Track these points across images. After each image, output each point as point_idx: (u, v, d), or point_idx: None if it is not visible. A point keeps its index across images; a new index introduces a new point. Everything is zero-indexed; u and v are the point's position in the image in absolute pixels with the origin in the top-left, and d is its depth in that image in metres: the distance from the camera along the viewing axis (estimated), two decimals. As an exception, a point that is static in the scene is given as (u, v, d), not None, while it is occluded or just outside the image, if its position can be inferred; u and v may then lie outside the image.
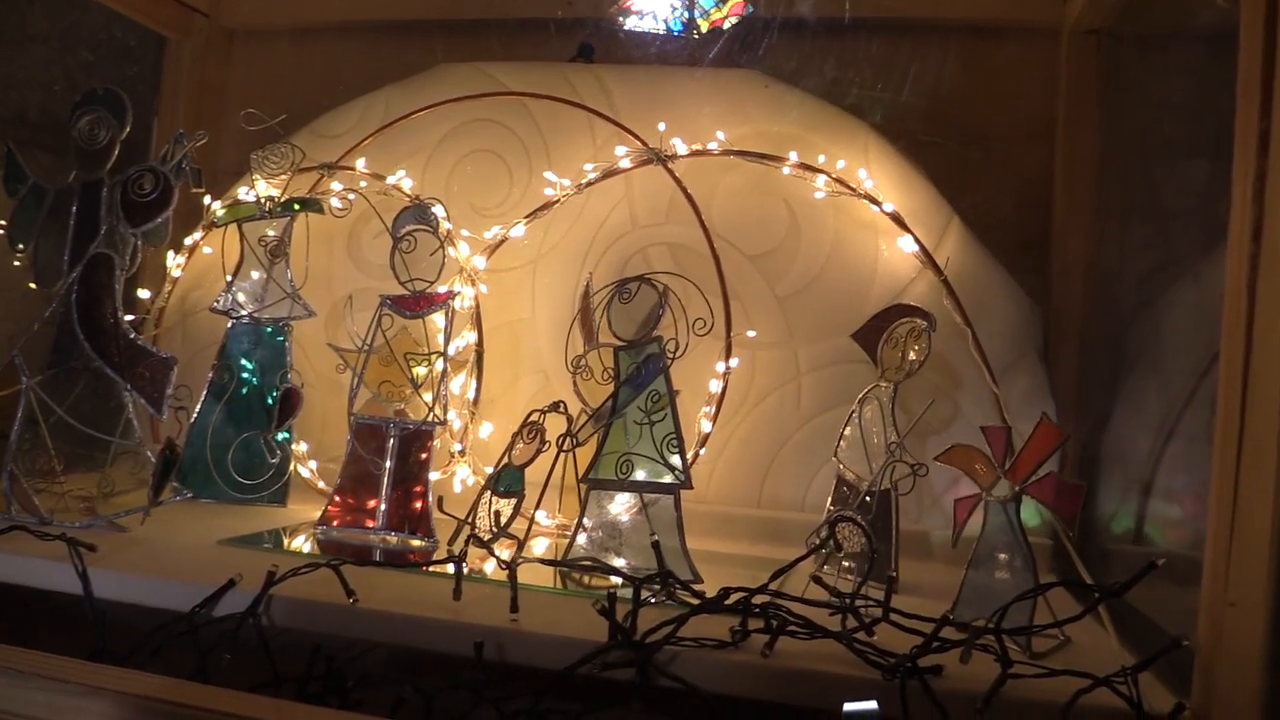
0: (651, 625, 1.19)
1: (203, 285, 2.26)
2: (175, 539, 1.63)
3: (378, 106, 2.23)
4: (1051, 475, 1.31)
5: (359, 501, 1.77)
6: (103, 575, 1.39)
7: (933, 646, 1.16)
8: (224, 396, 2.00)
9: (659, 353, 1.58)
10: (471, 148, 2.17)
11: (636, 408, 1.57)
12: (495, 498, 1.65)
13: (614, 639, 1.16)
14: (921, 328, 1.73)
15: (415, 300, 1.81)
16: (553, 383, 2.11)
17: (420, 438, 1.76)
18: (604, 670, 1.11)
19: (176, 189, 1.74)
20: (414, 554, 1.66)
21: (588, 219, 2.11)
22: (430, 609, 1.27)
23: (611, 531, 1.60)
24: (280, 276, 2.03)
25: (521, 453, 1.66)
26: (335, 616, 1.27)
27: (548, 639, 1.20)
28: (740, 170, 2.03)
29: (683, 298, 1.67)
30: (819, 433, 2.01)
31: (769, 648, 1.18)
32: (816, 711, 1.15)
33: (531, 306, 2.14)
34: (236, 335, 2.03)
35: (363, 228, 2.22)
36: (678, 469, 1.52)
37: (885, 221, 1.97)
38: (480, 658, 1.16)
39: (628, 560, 1.54)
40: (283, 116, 2.03)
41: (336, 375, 2.16)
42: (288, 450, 1.99)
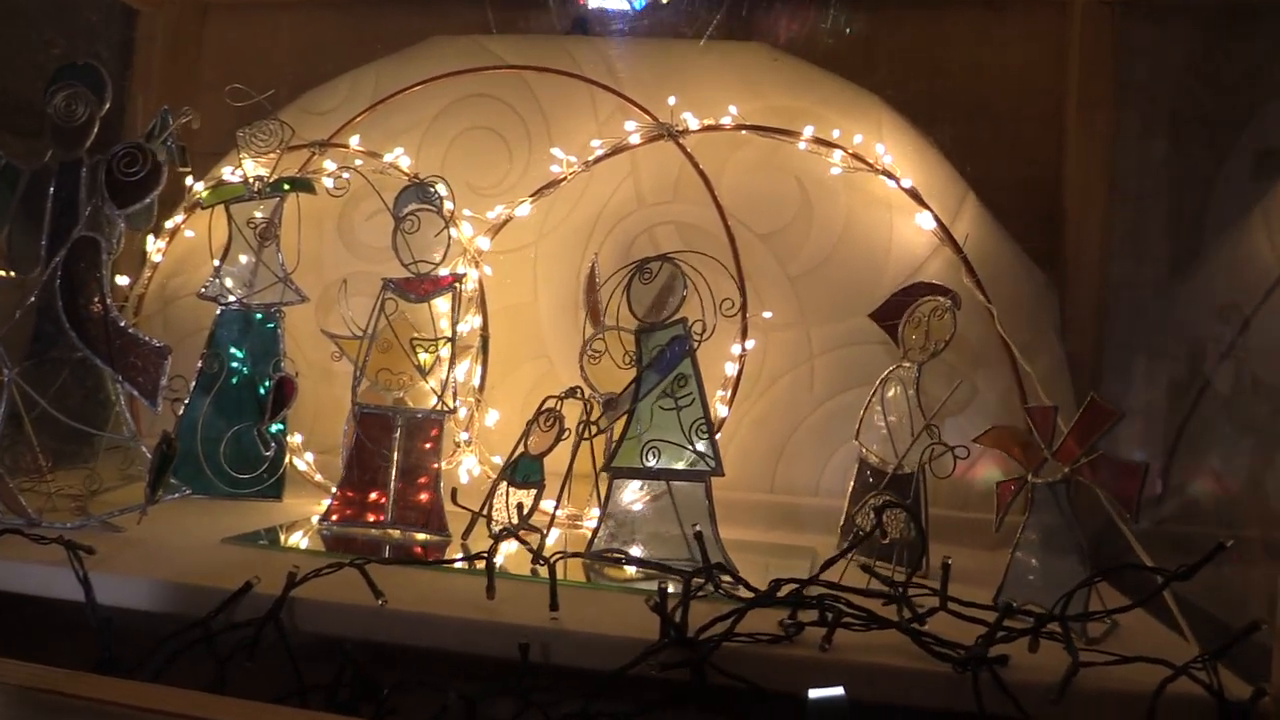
0: (701, 621, 1.13)
1: (184, 270, 2.16)
2: (174, 538, 1.54)
3: (367, 81, 2.13)
4: (1104, 455, 1.28)
5: (364, 495, 1.69)
6: (104, 580, 1.30)
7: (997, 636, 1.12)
8: (213, 387, 1.90)
9: (684, 335, 1.52)
10: (468, 124, 2.08)
11: (662, 392, 1.51)
12: (512, 489, 1.58)
13: (666, 637, 1.10)
14: (946, 306, 1.68)
15: (420, 283, 1.72)
16: (557, 368, 2.04)
17: (428, 427, 1.69)
18: (663, 671, 1.05)
19: (165, 167, 1.63)
20: (426, 549, 1.59)
21: (591, 198, 2.03)
22: (463, 608, 1.20)
23: (624, 520, 1.54)
24: (270, 260, 1.94)
25: (539, 441, 1.60)
26: (362, 619, 1.20)
27: (594, 638, 1.14)
28: (750, 146, 1.96)
29: (705, 278, 1.61)
30: (834, 416, 1.96)
31: (827, 641, 1.13)
32: (881, 707, 1.11)
33: (533, 290, 2.06)
34: (225, 322, 1.93)
35: (354, 209, 2.12)
36: (708, 455, 1.46)
37: (899, 198, 1.92)
38: (526, 660, 1.09)
39: (644, 551, 1.48)
40: (270, 92, 1.93)
41: (328, 363, 2.08)
42: (282, 442, 1.90)
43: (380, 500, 1.68)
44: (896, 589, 1.21)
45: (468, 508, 1.62)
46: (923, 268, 1.92)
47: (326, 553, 1.57)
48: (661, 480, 1.49)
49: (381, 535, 1.66)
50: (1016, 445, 1.37)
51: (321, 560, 1.26)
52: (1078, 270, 1.97)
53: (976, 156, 1.99)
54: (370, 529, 1.67)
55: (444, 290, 1.72)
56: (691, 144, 1.96)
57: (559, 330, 2.05)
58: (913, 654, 1.12)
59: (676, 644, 1.09)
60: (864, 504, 1.47)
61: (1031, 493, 1.35)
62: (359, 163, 1.92)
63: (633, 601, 1.31)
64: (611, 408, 1.68)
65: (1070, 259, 1.98)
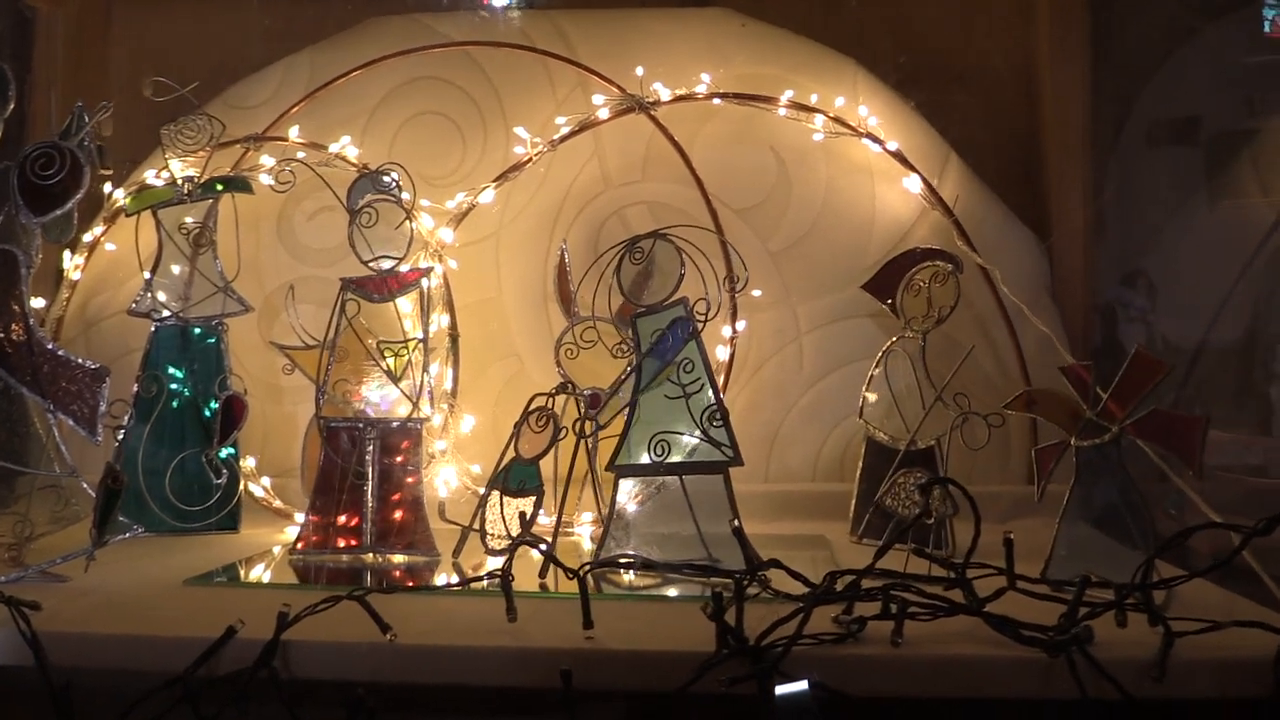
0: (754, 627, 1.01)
1: (107, 288, 1.95)
2: (128, 584, 1.36)
3: (300, 70, 1.96)
4: (1158, 411, 1.20)
5: (336, 518, 1.52)
6: (56, 638, 1.12)
7: (1080, 613, 1.02)
8: (152, 413, 1.71)
9: (686, 316, 1.40)
10: (415, 110, 1.93)
11: (667, 380, 1.39)
12: (507, 497, 1.44)
13: (725, 647, 0.98)
14: (947, 270, 1.60)
15: (382, 281, 1.57)
16: (528, 367, 1.91)
17: (403, 437, 1.53)
18: (732, 685, 0.93)
19: (87, 169, 1.45)
20: (401, 572, 1.44)
21: (554, 182, 1.90)
22: (484, 635, 1.06)
23: (631, 523, 1.41)
24: (207, 268, 1.76)
25: (531, 443, 1.46)
26: (369, 658, 1.05)
27: (641, 655, 1.01)
28: (721, 117, 1.86)
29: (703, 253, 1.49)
30: (826, 396, 1.87)
31: (898, 634, 1.02)
32: (963, 703, 1.01)
33: (497, 284, 1.92)
34: (161, 340, 1.74)
35: (294, 209, 1.95)
36: (725, 444, 1.35)
37: (881, 164, 1.83)
38: (569, 687, 0.96)
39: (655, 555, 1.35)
40: (195, 84, 1.74)
41: (275, 378, 1.91)
42: (235, 468, 1.72)
43: (354, 523, 1.52)
44: (958, 571, 1.11)
45: (458, 523, 1.47)
46: (909, 234, 1.84)
47: (304, 586, 1.41)
48: (674, 475, 1.37)
49: (360, 561, 1.50)
50: (1053, 408, 1.29)
51: (305, 596, 1.10)
52: (1063, 230, 1.91)
53: (952, 119, 1.91)
54: (348, 555, 1.51)
55: (410, 287, 1.57)
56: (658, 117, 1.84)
57: (528, 326, 1.91)
58: (991, 640, 1.03)
59: (739, 654, 0.97)
60: (892, 485, 1.37)
61: (1076, 457, 1.26)
62: (301, 155, 1.75)
63: (668, 610, 1.19)
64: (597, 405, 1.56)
65: (1055, 219, 1.91)
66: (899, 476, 1.36)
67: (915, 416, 1.59)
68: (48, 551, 1.40)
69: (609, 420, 1.43)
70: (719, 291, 1.41)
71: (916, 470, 1.36)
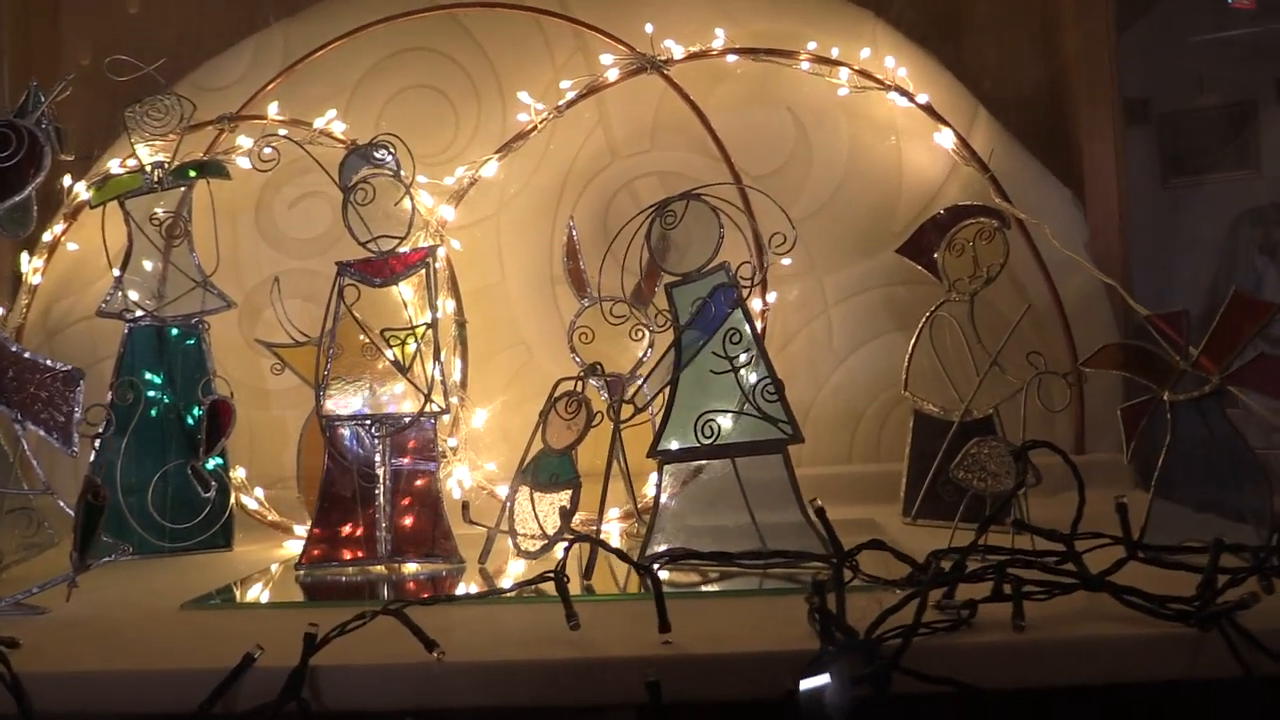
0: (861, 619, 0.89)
1: (71, 292, 1.79)
2: (116, 612, 1.20)
3: (273, 46, 1.80)
4: (1264, 357, 1.09)
5: (346, 527, 1.38)
6: (40, 679, 0.96)
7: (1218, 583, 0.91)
8: (129, 424, 1.55)
9: (729, 282, 1.27)
10: (402, 84, 1.78)
11: (711, 354, 1.26)
12: (537, 493, 1.30)
13: (831, 643, 0.85)
14: (993, 227, 1.49)
15: (383, 263, 1.42)
16: (536, 355, 1.77)
17: (416, 435, 1.39)
18: (855, 685, 0.80)
19: (48, 149, 1.29)
20: (416, 583, 1.30)
21: (556, 156, 1.77)
22: (545, 647, 0.93)
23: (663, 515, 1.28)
24: (183, 262, 1.60)
25: (561, 433, 1.32)
26: (415, 681, 0.91)
27: (733, 659, 0.88)
28: (734, 79, 1.73)
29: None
30: (858, 371, 1.76)
31: (1020, 617, 0.90)
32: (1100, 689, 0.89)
33: (500, 268, 1.78)
34: (135, 343, 1.58)
35: (273, 196, 1.80)
36: (782, 419, 1.22)
37: (906, 121, 1.72)
38: (658, 700, 0.83)
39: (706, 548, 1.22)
40: (161, 61, 1.58)
41: (259, 381, 1.77)
42: (224, 479, 1.57)
43: (366, 531, 1.37)
44: (1067, 545, 0.99)
45: (483, 524, 1.33)
46: (940, 194, 1.73)
47: (319, 603, 1.26)
48: (726, 458, 1.24)
49: (375, 573, 1.36)
50: (1141, 362, 1.18)
51: (326, 614, 0.94)
52: (1095, 185, 1.80)
53: (976, 72, 1.80)
54: (360, 567, 1.36)
55: (414, 268, 1.42)
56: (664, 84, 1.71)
57: (534, 311, 1.77)
58: (1120, 617, 0.91)
59: (848, 650, 0.84)
60: (964, 457, 1.25)
61: (1171, 413, 1.15)
62: (283, 134, 1.59)
63: (746, 607, 1.06)
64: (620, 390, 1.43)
65: (1086, 174, 1.81)
66: (971, 448, 1.24)
67: (967, 385, 1.47)
68: (19, 583, 1.24)
69: (648, 402, 1.30)
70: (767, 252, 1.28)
71: (991, 440, 1.24)
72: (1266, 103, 1.84)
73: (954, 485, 1.27)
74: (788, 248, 1.27)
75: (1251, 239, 1.87)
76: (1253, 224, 1.87)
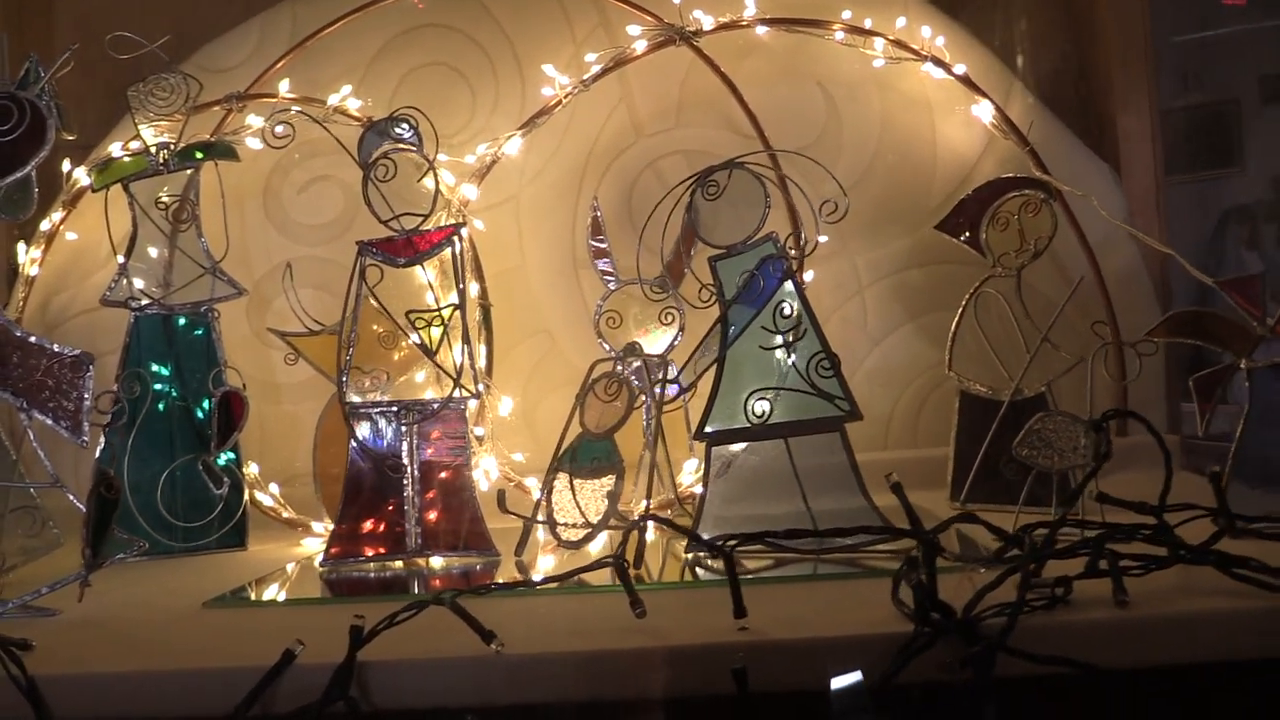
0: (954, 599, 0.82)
1: (70, 284, 1.71)
2: (132, 613, 1.13)
3: (281, 24, 1.73)
4: (1353, 317, 1.03)
5: (375, 521, 1.30)
6: (56, 683, 0.89)
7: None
8: (136, 418, 1.47)
9: (778, 254, 1.21)
10: (416, 62, 1.72)
11: (761, 329, 1.20)
12: (578, 480, 1.23)
13: (925, 624, 0.79)
14: (1039, 199, 1.43)
15: (407, 242, 1.34)
16: (560, 343, 1.71)
17: (447, 421, 1.32)
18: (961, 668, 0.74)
19: (52, 123, 1.22)
20: (443, 580, 1.23)
21: (577, 135, 1.70)
22: (613, 637, 0.86)
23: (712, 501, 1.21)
24: (191, 247, 1.52)
25: (601, 415, 1.25)
26: (473, 676, 0.83)
27: (820, 643, 0.81)
28: (762, 53, 1.67)
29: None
30: (894, 354, 1.70)
31: (1123, 593, 0.84)
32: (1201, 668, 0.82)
33: (520, 252, 1.71)
34: (141, 333, 1.50)
35: (281, 181, 1.73)
36: (838, 395, 1.15)
37: (940, 94, 1.67)
38: (744, 688, 0.76)
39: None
40: (165, 38, 1.51)
41: (270, 374, 1.70)
42: (237, 475, 1.49)
43: (394, 524, 1.30)
44: (1157, 517, 0.93)
45: (519, 514, 1.26)
46: (975, 169, 1.67)
47: (352, 598, 1.18)
48: (777, 439, 1.18)
49: (405, 568, 1.28)
50: (1216, 329, 1.12)
51: (362, 609, 0.87)
52: (1131, 160, 1.75)
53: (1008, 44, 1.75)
54: (392, 561, 1.29)
55: (439, 246, 1.35)
56: (689, 59, 1.65)
57: (557, 297, 1.71)
58: (1227, 591, 0.85)
59: (947, 632, 0.78)
60: (1026, 433, 1.18)
61: (1250, 380, 1.09)
62: (296, 110, 1.52)
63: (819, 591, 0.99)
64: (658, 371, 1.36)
65: (1122, 149, 1.75)
66: (1035, 424, 1.18)
67: (1015, 363, 1.42)
68: (24, 587, 1.16)
69: (695, 381, 1.23)
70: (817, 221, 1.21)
71: (1056, 414, 1.18)
72: (1250, 101, 1.82)
73: (1017, 464, 1.20)
74: (839, 215, 1.20)
75: (1239, 236, 1.84)
76: (1239, 221, 1.83)
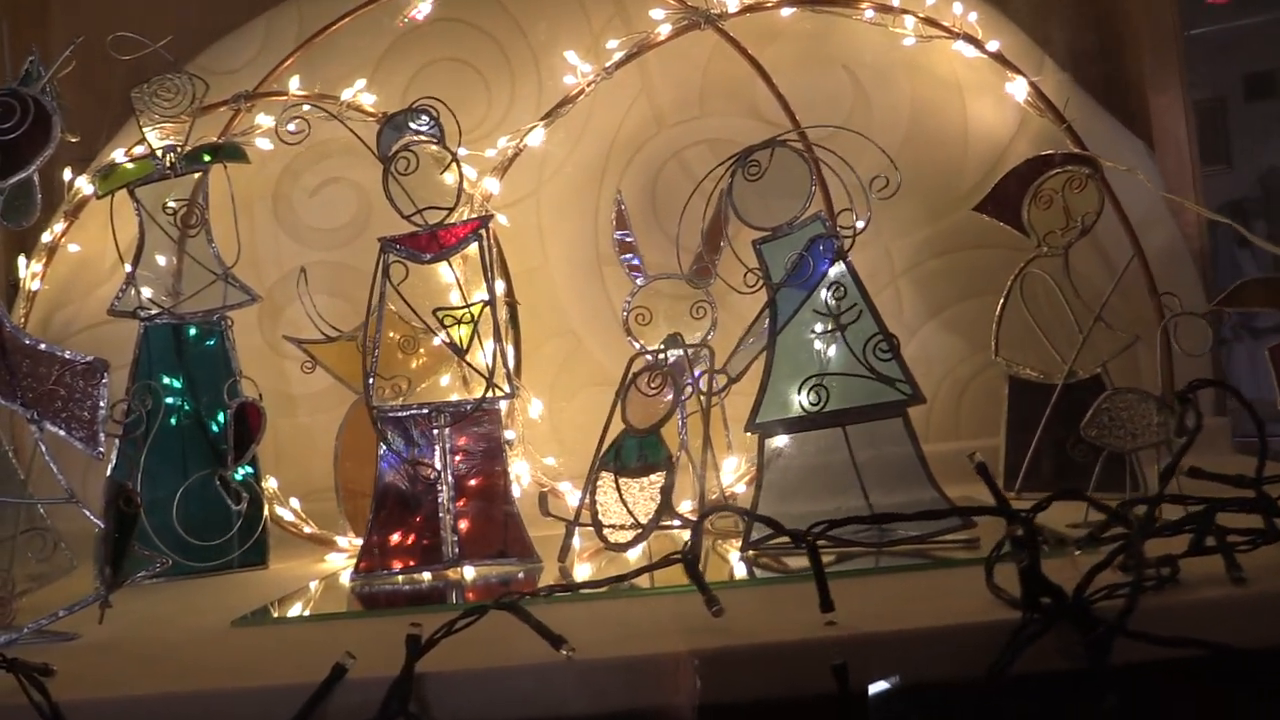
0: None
1: (74, 298, 1.64)
2: (157, 633, 1.06)
3: (287, 23, 1.67)
4: None
5: (408, 530, 1.23)
6: (85, 709, 0.82)
7: None
8: (149, 433, 1.41)
9: (828, 233, 1.15)
10: (428, 58, 1.66)
11: (812, 312, 1.14)
12: (624, 479, 1.17)
13: (1033, 610, 0.72)
14: (1084, 174, 1.38)
15: (431, 237, 1.28)
16: (586, 343, 1.65)
17: (482, 422, 1.25)
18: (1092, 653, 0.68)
19: (57, 120, 1.15)
20: (476, 592, 1.16)
21: (597, 127, 1.65)
22: (697, 636, 0.79)
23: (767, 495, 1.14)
24: (201, 254, 1.46)
25: (644, 410, 1.19)
26: (545, 685, 0.77)
27: (920, 635, 0.75)
28: (787, 38, 1.62)
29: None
30: (931, 344, 1.65)
31: (1236, 569, 0.78)
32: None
33: (541, 250, 1.65)
34: (151, 344, 1.44)
35: (292, 185, 1.67)
36: (899, 378, 1.09)
37: (970, 75, 1.62)
38: (846, 687, 0.69)
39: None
40: (169, 38, 1.45)
41: (285, 386, 1.63)
42: (256, 491, 1.42)
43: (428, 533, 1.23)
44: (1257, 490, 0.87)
45: (561, 517, 1.19)
46: (1009, 150, 1.62)
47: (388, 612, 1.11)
48: (835, 427, 1.11)
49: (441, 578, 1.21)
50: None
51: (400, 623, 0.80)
52: (1164, 138, 1.70)
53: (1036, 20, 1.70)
54: (423, 572, 1.22)
55: (466, 241, 1.29)
56: (710, 48, 1.60)
57: (581, 295, 1.65)
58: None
59: (1062, 616, 0.71)
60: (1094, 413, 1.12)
61: (1334, 349, 1.04)
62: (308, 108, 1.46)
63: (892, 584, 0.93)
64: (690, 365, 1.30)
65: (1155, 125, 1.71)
66: (1103, 403, 1.12)
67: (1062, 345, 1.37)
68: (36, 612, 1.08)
69: (743, 370, 1.16)
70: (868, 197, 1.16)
71: (1126, 391, 1.12)
72: (1235, 99, 1.79)
73: (1086, 446, 1.14)
74: (891, 190, 1.15)
75: (1229, 233, 1.81)
76: (1229, 217, 1.80)
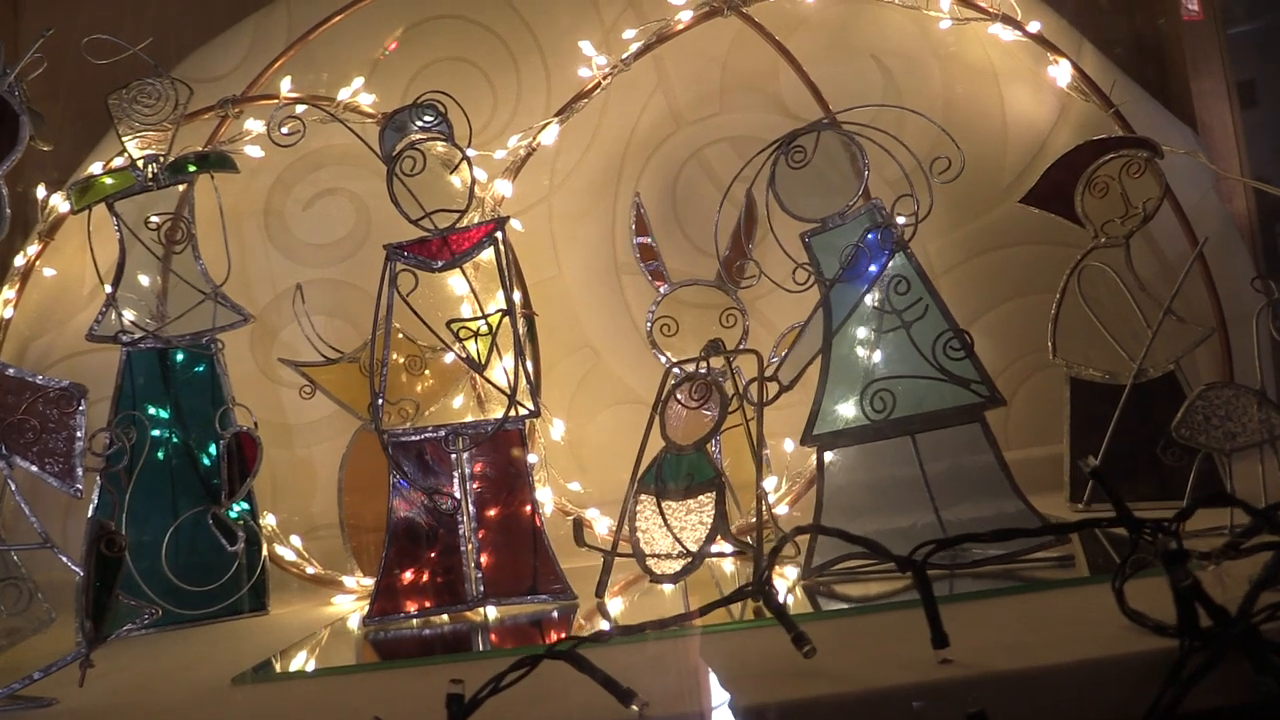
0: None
1: (50, 327, 1.52)
2: (148, 697, 0.93)
3: (275, 24, 1.56)
4: None
5: (423, 568, 1.11)
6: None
7: None
8: (134, 469, 1.28)
9: (884, 223, 1.04)
10: (429, 58, 1.55)
11: (872, 309, 1.02)
12: (669, 502, 1.05)
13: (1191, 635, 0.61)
14: (1142, 158, 1.28)
15: (442, 243, 1.16)
16: (605, 359, 1.53)
17: (505, 444, 1.13)
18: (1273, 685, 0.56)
19: (24, 119, 1.04)
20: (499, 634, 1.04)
21: (612, 127, 1.54)
22: (772, 684, 0.67)
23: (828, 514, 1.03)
24: (188, 271, 1.34)
25: (688, 426, 1.07)
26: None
27: (1064, 671, 0.63)
28: (811, 27, 1.53)
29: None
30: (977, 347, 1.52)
31: None
32: None
33: (554, 258, 1.54)
34: (136, 369, 1.32)
35: (284, 198, 1.55)
36: (974, 379, 0.98)
37: (1006, 62, 1.53)
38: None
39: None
40: (149, 40, 1.34)
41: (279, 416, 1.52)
42: (253, 529, 1.30)
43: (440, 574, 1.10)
44: None
45: (598, 548, 1.07)
46: (1051, 139, 1.52)
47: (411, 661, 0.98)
48: (904, 435, 1.00)
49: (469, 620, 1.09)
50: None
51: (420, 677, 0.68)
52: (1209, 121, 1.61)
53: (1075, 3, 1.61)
54: (443, 614, 1.09)
55: (480, 246, 1.17)
56: (729, 40, 1.51)
57: (598, 307, 1.54)
58: None
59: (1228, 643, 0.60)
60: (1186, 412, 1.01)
61: None
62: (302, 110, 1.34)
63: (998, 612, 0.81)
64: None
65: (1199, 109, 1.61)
66: (1196, 401, 1.01)
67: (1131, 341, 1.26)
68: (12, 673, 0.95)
69: (797, 377, 1.05)
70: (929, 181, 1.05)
71: (1220, 387, 1.01)
72: None
73: (1179, 449, 1.03)
74: (954, 173, 1.04)
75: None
76: None
